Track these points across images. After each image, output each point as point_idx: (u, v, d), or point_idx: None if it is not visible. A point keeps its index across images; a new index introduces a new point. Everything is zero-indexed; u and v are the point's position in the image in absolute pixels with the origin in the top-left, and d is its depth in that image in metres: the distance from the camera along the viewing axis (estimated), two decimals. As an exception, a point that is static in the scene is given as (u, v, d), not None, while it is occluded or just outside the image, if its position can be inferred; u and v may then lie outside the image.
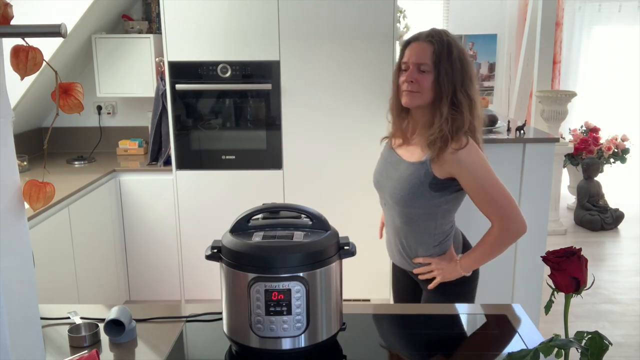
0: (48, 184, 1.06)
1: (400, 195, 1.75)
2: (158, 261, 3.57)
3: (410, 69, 1.71)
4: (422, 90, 1.70)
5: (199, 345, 1.40)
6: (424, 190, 1.71)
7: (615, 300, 3.72)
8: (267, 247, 1.23)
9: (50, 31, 0.91)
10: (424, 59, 1.69)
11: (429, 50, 1.69)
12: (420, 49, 1.70)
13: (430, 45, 1.69)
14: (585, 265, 1.04)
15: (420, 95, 1.70)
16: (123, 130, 4.01)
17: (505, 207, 1.69)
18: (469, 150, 1.67)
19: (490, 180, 1.69)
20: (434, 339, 1.44)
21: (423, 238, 1.80)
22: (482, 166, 1.69)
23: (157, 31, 3.83)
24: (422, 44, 1.70)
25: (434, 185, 1.71)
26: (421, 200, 1.73)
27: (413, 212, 1.76)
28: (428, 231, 1.78)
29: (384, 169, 1.85)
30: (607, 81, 6.39)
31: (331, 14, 3.18)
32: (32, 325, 1.10)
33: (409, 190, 1.72)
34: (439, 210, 1.75)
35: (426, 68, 1.69)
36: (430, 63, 1.68)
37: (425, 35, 1.71)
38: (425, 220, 1.77)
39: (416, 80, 1.70)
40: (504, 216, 1.69)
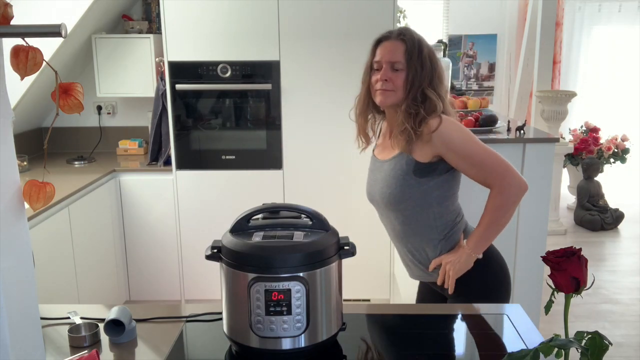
0: (48, 184, 1.06)
1: (388, 193, 1.73)
2: (158, 261, 3.57)
3: (384, 68, 1.70)
4: (396, 88, 1.69)
5: (199, 345, 1.40)
6: (409, 180, 1.70)
7: (615, 300, 3.72)
8: (267, 247, 1.23)
9: (50, 31, 0.91)
10: (397, 57, 1.69)
11: (401, 48, 1.69)
12: (392, 47, 1.70)
13: (402, 44, 1.69)
14: (585, 265, 1.04)
15: (394, 94, 1.70)
16: (123, 130, 4.01)
17: (498, 165, 1.67)
18: (446, 123, 1.66)
19: (474, 144, 1.68)
20: (434, 339, 1.44)
21: (426, 233, 1.76)
22: (462, 134, 1.68)
23: (157, 31, 3.83)
24: (394, 42, 1.70)
25: (418, 170, 1.69)
26: (410, 191, 1.70)
27: (407, 207, 1.73)
28: (428, 224, 1.75)
29: (371, 177, 1.85)
30: (607, 81, 6.39)
31: (331, 14, 3.18)
32: (32, 325, 1.10)
33: (396, 185, 1.71)
34: (431, 198, 1.72)
35: (399, 66, 1.69)
36: (403, 61, 1.68)
37: (396, 34, 1.71)
38: (421, 213, 1.73)
39: (390, 79, 1.69)
40: (500, 174, 1.67)
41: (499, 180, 1.67)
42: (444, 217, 1.76)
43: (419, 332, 1.47)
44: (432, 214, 1.74)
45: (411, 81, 1.68)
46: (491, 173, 1.68)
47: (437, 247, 1.77)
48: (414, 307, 1.73)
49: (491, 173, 1.68)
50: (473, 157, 1.67)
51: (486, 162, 1.68)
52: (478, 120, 3.01)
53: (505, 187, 1.67)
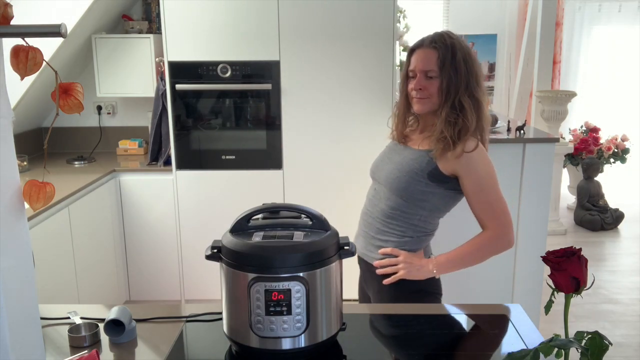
0: (48, 184, 1.06)
1: (396, 177, 1.75)
2: (158, 261, 3.57)
3: (418, 77, 1.73)
4: (431, 96, 1.72)
5: (199, 345, 1.40)
6: (421, 177, 1.72)
7: (615, 300, 3.73)
8: (267, 247, 1.23)
9: (50, 31, 0.91)
10: (430, 65, 1.71)
11: (434, 56, 1.70)
12: (425, 55, 1.72)
13: (434, 51, 1.70)
14: (585, 265, 1.04)
15: (430, 101, 1.73)
16: (123, 130, 4.01)
17: (503, 217, 1.71)
18: (478, 154, 1.69)
19: (493, 187, 1.71)
20: (434, 339, 1.44)
21: (403, 226, 1.77)
22: (487, 172, 1.71)
23: (157, 31, 3.83)
24: (427, 50, 1.72)
25: (433, 175, 1.71)
26: (415, 187, 1.72)
27: (403, 197, 1.74)
28: (410, 221, 1.77)
29: (385, 157, 1.87)
30: (607, 81, 6.39)
31: (331, 14, 3.18)
32: (32, 325, 1.10)
33: (407, 173, 1.73)
34: (429, 202, 1.75)
35: (433, 74, 1.71)
36: (436, 69, 1.70)
37: (429, 41, 1.73)
38: (411, 208, 1.75)
39: (424, 87, 1.72)
40: (500, 223, 1.71)
41: (497, 228, 1.71)
42: (425, 224, 1.79)
43: (419, 332, 1.47)
44: (419, 215, 1.77)
45: (446, 88, 1.69)
46: (494, 218, 1.71)
47: (401, 241, 1.78)
48: (413, 307, 1.73)
49: (494, 218, 1.71)
50: (486, 195, 1.70)
51: (495, 207, 1.71)
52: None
53: (500, 237, 1.72)
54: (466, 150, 1.67)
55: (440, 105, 1.72)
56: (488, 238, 1.72)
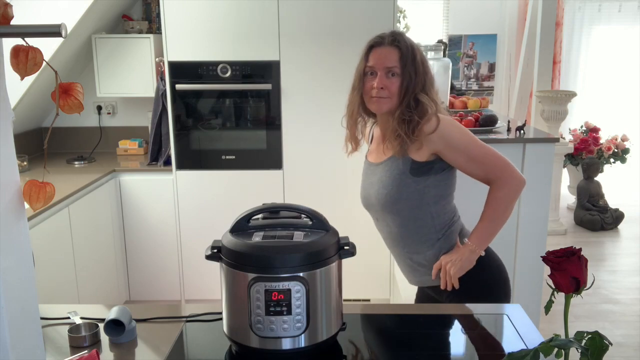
0: (48, 184, 1.06)
1: (385, 193, 1.72)
2: (158, 261, 3.57)
3: (380, 75, 1.68)
4: (391, 95, 1.68)
5: (199, 345, 1.40)
6: (406, 179, 1.70)
7: (615, 300, 3.72)
8: (267, 247, 1.23)
9: (50, 31, 0.91)
10: (392, 62, 1.67)
11: (396, 55, 1.67)
12: (387, 53, 1.68)
13: (396, 49, 1.67)
14: (585, 265, 1.04)
15: (390, 101, 1.69)
16: (123, 130, 4.01)
17: (497, 159, 1.69)
18: (444, 125, 1.66)
19: (473, 142, 1.69)
20: (434, 339, 1.44)
21: (424, 233, 1.75)
22: (461, 133, 1.69)
23: (157, 31, 3.83)
24: (388, 48, 1.68)
25: (414, 170, 1.69)
26: (407, 191, 1.70)
27: (404, 207, 1.72)
28: (426, 223, 1.74)
29: (366, 182, 1.84)
30: (607, 81, 6.39)
31: (331, 14, 3.18)
32: (32, 325, 1.10)
33: (392, 184, 1.71)
34: (428, 197, 1.72)
35: (396, 71, 1.67)
36: (399, 67, 1.67)
37: (390, 40, 1.69)
38: (418, 212, 1.73)
39: (385, 86, 1.68)
40: (500, 168, 1.68)
41: (499, 173, 1.68)
42: (441, 216, 1.76)
43: (419, 332, 1.47)
44: (429, 213, 1.74)
45: (405, 87, 1.67)
46: (492, 168, 1.69)
47: (435, 246, 1.76)
48: (413, 307, 1.73)
49: (492, 168, 1.69)
50: (473, 152, 1.68)
51: (487, 158, 1.69)
52: (478, 120, 3.01)
53: (507, 180, 1.69)
54: (429, 132, 1.65)
55: (397, 105, 1.69)
56: (500, 189, 1.68)
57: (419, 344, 1.41)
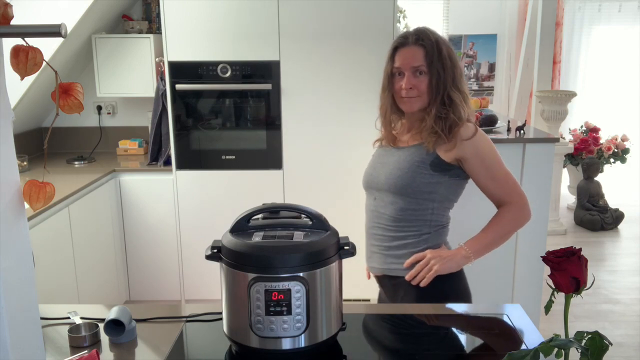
0: (48, 184, 1.06)
1: (397, 176, 1.72)
2: (158, 261, 3.57)
3: (407, 75, 1.70)
4: (421, 94, 1.70)
5: (199, 345, 1.40)
6: (423, 169, 1.70)
7: (615, 300, 3.72)
8: (267, 247, 1.23)
9: (50, 31, 0.91)
10: (419, 61, 1.69)
11: (421, 53, 1.68)
12: (411, 53, 1.70)
13: (421, 48, 1.69)
14: (585, 265, 1.04)
15: (420, 99, 1.71)
16: (123, 130, 4.01)
17: (516, 186, 1.73)
18: (480, 135, 1.70)
19: (500, 162, 1.72)
20: (434, 339, 1.44)
21: (416, 224, 1.74)
22: (491, 150, 1.72)
23: (157, 31, 3.83)
24: (413, 48, 1.70)
25: (435, 165, 1.70)
26: (420, 180, 1.70)
27: (410, 194, 1.71)
28: (423, 217, 1.74)
29: (377, 164, 1.83)
30: (607, 81, 6.39)
31: (331, 14, 3.18)
32: (32, 325, 1.10)
33: (408, 168, 1.71)
34: (435, 195, 1.72)
35: (423, 69, 1.69)
36: (425, 65, 1.68)
37: (414, 39, 1.70)
38: (421, 204, 1.72)
39: (414, 86, 1.70)
40: (518, 194, 1.71)
41: (518, 198, 1.72)
42: (438, 216, 1.76)
43: (419, 332, 1.47)
44: (431, 209, 1.74)
45: (435, 85, 1.68)
46: (509, 192, 1.72)
47: (421, 238, 1.75)
48: (413, 307, 1.73)
49: (509, 192, 1.72)
50: (496, 171, 1.71)
51: (507, 181, 1.72)
52: (478, 120, 3.01)
53: (521, 207, 1.72)
54: (465, 138, 1.67)
55: (429, 102, 1.71)
56: (512, 210, 1.71)
57: (419, 344, 1.41)
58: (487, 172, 1.70)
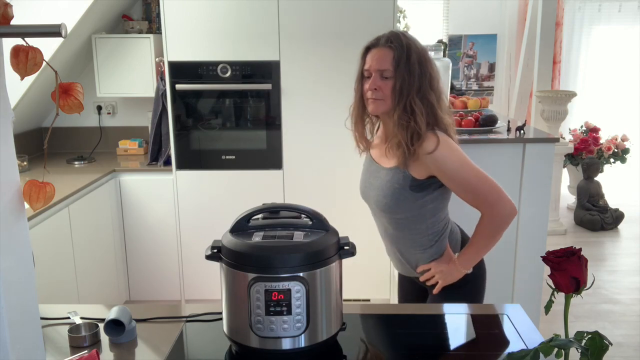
0: (48, 184, 1.06)
1: (384, 203, 1.74)
2: (158, 261, 3.57)
3: (373, 76, 1.68)
4: (385, 97, 1.68)
5: (199, 345, 1.40)
6: (405, 194, 1.70)
7: (615, 300, 3.72)
8: (267, 247, 1.23)
9: (50, 31, 0.91)
10: (385, 64, 1.66)
11: (389, 56, 1.66)
12: (381, 54, 1.67)
13: (390, 51, 1.66)
14: (585, 265, 1.04)
15: (384, 102, 1.69)
16: (123, 130, 4.01)
17: (490, 193, 1.67)
18: (442, 147, 1.64)
19: (468, 170, 1.67)
20: (434, 339, 1.44)
21: (416, 241, 1.78)
22: (458, 159, 1.67)
23: (157, 31, 3.83)
24: (383, 50, 1.67)
25: (414, 187, 1.70)
26: (406, 204, 1.72)
27: (401, 217, 1.75)
28: (420, 233, 1.77)
29: (367, 179, 1.85)
30: (607, 81, 6.39)
31: (331, 14, 3.18)
32: (32, 325, 1.10)
33: (392, 197, 1.72)
34: (426, 210, 1.74)
35: (388, 74, 1.66)
36: (391, 69, 1.66)
37: (384, 40, 1.68)
38: (414, 223, 1.75)
39: (379, 88, 1.68)
40: (491, 202, 1.67)
41: (490, 208, 1.68)
42: (435, 226, 1.78)
43: (419, 332, 1.47)
44: (425, 224, 1.76)
45: (399, 89, 1.65)
46: (484, 200, 1.68)
47: (426, 252, 1.79)
48: (413, 307, 1.73)
49: (484, 200, 1.68)
50: (466, 183, 1.67)
51: (479, 189, 1.67)
52: (478, 120, 3.01)
53: (496, 215, 1.68)
54: (428, 152, 1.64)
55: (393, 107, 1.68)
56: (489, 222, 1.69)
57: (418, 344, 1.41)
58: (456, 184, 1.68)
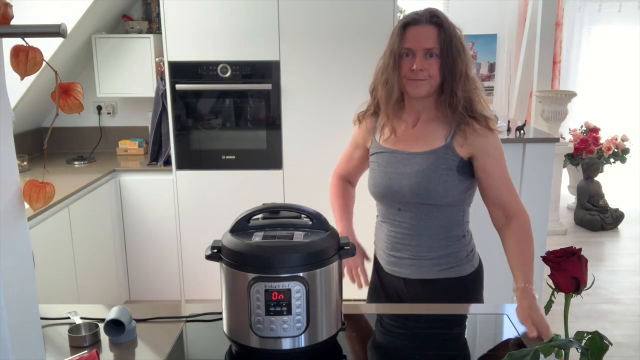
0: (48, 184, 1.06)
1: (429, 189, 1.57)
2: (158, 261, 3.57)
3: (419, 56, 1.54)
4: (431, 77, 1.55)
5: (199, 345, 1.40)
6: (452, 176, 1.58)
7: (615, 300, 3.72)
8: (267, 247, 1.23)
9: (50, 31, 0.91)
10: (431, 43, 1.53)
11: (435, 33, 1.54)
12: (425, 32, 1.54)
13: (435, 28, 1.54)
14: (585, 265, 1.04)
15: (428, 83, 1.56)
16: (123, 130, 4.01)
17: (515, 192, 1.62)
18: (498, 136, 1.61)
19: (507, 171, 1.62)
20: (434, 339, 1.44)
21: (452, 231, 1.65)
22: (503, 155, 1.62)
23: (157, 31, 3.83)
24: (427, 27, 1.54)
25: (461, 168, 1.59)
26: (452, 188, 1.59)
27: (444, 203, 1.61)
28: (458, 220, 1.66)
29: (393, 171, 1.64)
30: (607, 81, 6.39)
31: (331, 13, 3.18)
32: (32, 325, 1.10)
33: (438, 179, 1.57)
34: (467, 196, 1.64)
35: (436, 52, 1.54)
36: (438, 47, 1.54)
37: (428, 17, 1.55)
38: (455, 209, 1.64)
39: (425, 68, 1.54)
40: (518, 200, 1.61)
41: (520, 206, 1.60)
42: (468, 216, 1.69)
43: (419, 332, 1.47)
44: (463, 211, 1.67)
45: (449, 69, 1.54)
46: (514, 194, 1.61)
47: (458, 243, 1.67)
48: (413, 307, 1.72)
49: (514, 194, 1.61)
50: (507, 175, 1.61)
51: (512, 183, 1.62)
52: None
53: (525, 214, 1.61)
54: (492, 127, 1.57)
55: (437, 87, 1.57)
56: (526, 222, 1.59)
57: (419, 344, 1.41)
58: (502, 173, 1.59)
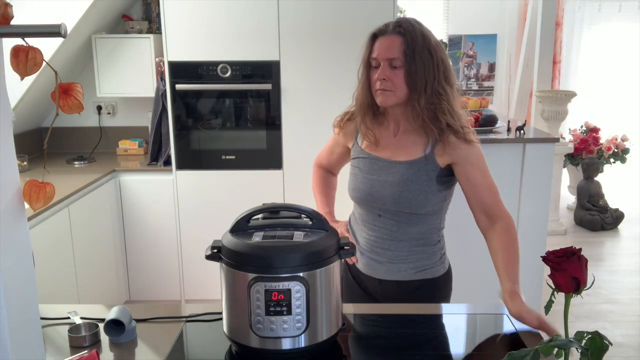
0: (48, 184, 1.06)
1: (409, 198, 1.60)
2: (158, 261, 3.57)
3: (382, 66, 1.55)
4: (395, 88, 1.55)
5: (199, 345, 1.40)
6: (432, 186, 1.60)
7: (615, 300, 3.72)
8: (267, 247, 1.23)
9: (50, 31, 0.91)
10: (394, 53, 1.53)
11: (399, 43, 1.53)
12: (389, 42, 1.54)
13: (399, 37, 1.53)
14: (585, 265, 1.04)
15: (394, 94, 1.56)
16: (123, 130, 4.01)
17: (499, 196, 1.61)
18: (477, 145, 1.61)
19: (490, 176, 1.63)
20: (434, 339, 1.44)
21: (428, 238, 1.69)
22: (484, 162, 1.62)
23: (157, 31, 3.83)
24: (391, 37, 1.54)
25: (440, 178, 1.61)
26: (432, 197, 1.61)
27: (424, 212, 1.64)
28: (436, 227, 1.69)
29: (374, 178, 1.67)
30: (607, 81, 6.39)
31: (331, 13, 3.18)
32: (32, 325, 1.10)
33: (419, 189, 1.59)
34: (445, 204, 1.68)
35: (398, 63, 1.54)
36: (401, 57, 1.53)
37: (393, 27, 1.55)
38: (434, 217, 1.67)
39: (388, 78, 1.55)
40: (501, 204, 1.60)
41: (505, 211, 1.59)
42: (444, 223, 1.73)
43: (419, 332, 1.47)
44: (441, 218, 1.70)
45: (413, 78, 1.53)
46: (498, 199, 1.60)
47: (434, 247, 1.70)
48: (413, 307, 1.72)
49: (498, 199, 1.60)
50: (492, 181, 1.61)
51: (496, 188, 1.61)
52: (478, 120, 3.02)
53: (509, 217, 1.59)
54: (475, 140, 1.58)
55: (406, 98, 1.57)
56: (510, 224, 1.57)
57: (419, 344, 1.41)
58: (486, 180, 1.60)
